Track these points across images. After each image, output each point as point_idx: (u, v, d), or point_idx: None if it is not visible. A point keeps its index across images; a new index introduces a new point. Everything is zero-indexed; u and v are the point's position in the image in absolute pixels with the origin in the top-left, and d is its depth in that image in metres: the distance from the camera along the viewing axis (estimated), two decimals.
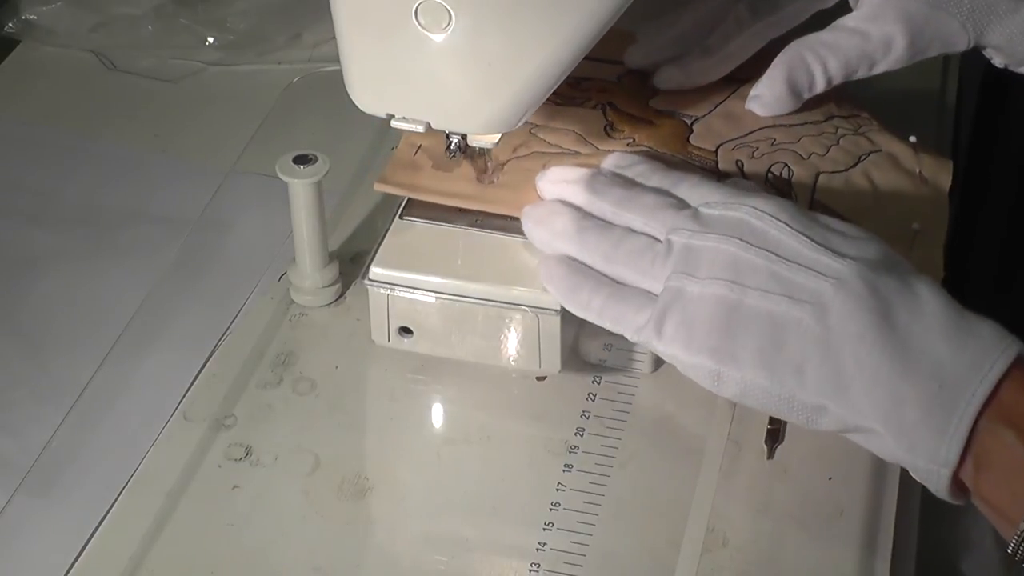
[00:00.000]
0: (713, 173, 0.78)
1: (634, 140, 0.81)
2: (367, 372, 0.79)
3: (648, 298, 0.69)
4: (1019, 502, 0.60)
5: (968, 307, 0.64)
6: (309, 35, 1.06)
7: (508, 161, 0.80)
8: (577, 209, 0.74)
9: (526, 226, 0.75)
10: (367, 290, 0.77)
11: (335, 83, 0.75)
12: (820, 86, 0.82)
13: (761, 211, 0.68)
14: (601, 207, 0.73)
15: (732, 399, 0.67)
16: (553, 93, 0.77)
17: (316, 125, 0.96)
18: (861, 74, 0.83)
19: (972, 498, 0.63)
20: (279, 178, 0.78)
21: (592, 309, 0.71)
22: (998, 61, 0.85)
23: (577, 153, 0.80)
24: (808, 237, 0.66)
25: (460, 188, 0.78)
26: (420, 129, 0.73)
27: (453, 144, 0.76)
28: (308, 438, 0.74)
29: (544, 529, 0.70)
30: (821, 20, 0.84)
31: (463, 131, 0.75)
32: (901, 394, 0.62)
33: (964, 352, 0.62)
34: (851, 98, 0.85)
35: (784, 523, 0.69)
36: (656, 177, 0.74)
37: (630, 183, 0.75)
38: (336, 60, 0.73)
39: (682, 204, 0.71)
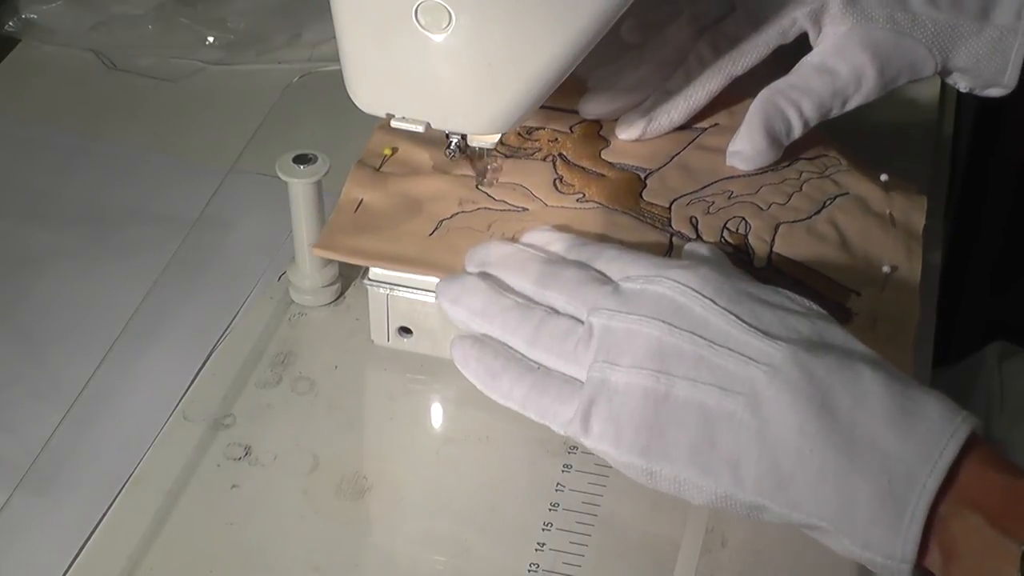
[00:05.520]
0: (666, 232, 0.76)
1: (584, 195, 0.79)
2: (366, 372, 0.79)
3: (574, 387, 0.66)
4: None
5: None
6: (309, 35, 1.06)
7: (454, 215, 0.77)
8: (494, 284, 0.71)
9: (442, 304, 0.71)
10: (366, 290, 0.77)
11: (335, 83, 0.75)
12: (798, 131, 0.81)
13: (684, 285, 0.64)
14: (522, 285, 0.70)
15: (668, 493, 0.64)
16: (502, 143, 0.76)
17: (316, 125, 0.96)
18: (835, 112, 0.81)
19: None
20: (279, 178, 0.78)
21: (514, 399, 0.67)
22: (963, 85, 0.84)
23: (524, 209, 0.78)
24: (736, 316, 0.63)
25: (403, 250, 0.76)
26: (420, 129, 0.73)
27: (453, 144, 0.76)
28: (307, 438, 0.74)
29: (543, 530, 0.70)
30: (781, 56, 0.83)
31: (463, 131, 0.75)
32: (849, 491, 0.59)
33: (912, 438, 0.59)
34: (818, 136, 0.82)
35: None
36: (575, 251, 0.71)
37: (552, 259, 0.71)
38: (336, 60, 0.73)
39: (605, 279, 0.68)
